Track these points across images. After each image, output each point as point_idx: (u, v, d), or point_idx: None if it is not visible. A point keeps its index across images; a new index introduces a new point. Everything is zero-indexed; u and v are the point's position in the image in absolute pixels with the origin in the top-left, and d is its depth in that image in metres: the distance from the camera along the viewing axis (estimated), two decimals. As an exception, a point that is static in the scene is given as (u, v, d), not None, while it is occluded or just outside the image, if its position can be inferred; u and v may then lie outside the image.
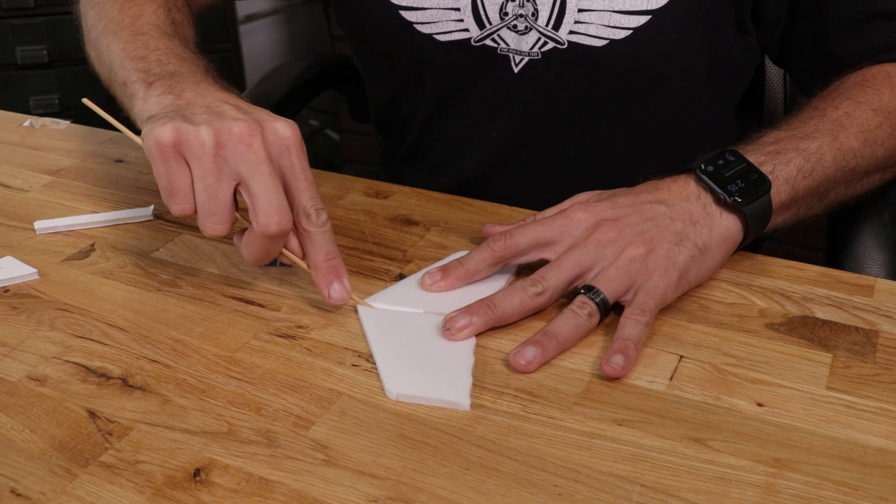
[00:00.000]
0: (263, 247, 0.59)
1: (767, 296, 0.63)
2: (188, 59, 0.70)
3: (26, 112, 1.00)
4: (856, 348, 0.57)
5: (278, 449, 0.49)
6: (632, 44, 0.77)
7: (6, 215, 0.77)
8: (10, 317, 0.62)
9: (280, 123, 0.60)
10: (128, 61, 0.70)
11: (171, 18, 0.78)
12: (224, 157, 0.58)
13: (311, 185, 0.60)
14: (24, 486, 0.47)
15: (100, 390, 0.54)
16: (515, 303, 0.59)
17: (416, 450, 0.49)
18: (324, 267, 0.60)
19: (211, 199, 0.58)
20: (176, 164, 0.58)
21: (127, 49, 0.72)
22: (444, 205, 0.77)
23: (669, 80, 0.81)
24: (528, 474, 0.47)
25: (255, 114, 0.60)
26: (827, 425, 0.51)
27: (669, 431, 0.50)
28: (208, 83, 0.66)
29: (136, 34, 0.73)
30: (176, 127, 0.58)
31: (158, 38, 0.72)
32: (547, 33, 0.78)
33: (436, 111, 0.89)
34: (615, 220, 0.61)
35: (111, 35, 0.75)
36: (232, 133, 0.58)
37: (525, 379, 0.54)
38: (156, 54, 0.70)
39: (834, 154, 0.68)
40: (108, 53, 0.74)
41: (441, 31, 0.82)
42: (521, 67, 0.81)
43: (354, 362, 0.56)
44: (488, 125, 0.86)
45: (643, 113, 0.83)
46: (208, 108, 0.61)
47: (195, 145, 0.57)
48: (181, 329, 0.60)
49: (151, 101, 0.64)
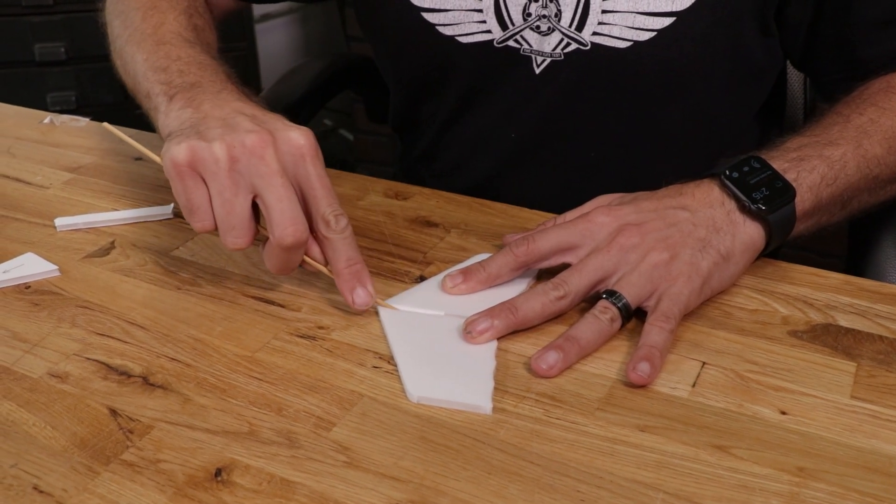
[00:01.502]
0: (282, 257, 0.59)
1: (790, 303, 0.62)
2: (209, 67, 0.70)
3: (43, 109, 1.01)
4: (880, 357, 0.57)
5: (300, 450, 0.49)
6: (656, 45, 0.77)
7: (27, 212, 0.77)
8: (31, 313, 0.62)
9: (293, 132, 0.60)
10: (150, 73, 0.71)
11: (193, 25, 0.78)
12: (238, 170, 0.58)
13: (328, 191, 0.60)
14: (46, 482, 0.47)
15: (121, 388, 0.54)
16: (537, 307, 0.58)
17: (438, 453, 0.49)
18: (346, 273, 0.60)
19: (229, 213, 0.58)
20: (192, 182, 0.58)
21: (150, 60, 0.72)
22: (464, 207, 0.77)
23: (692, 82, 0.80)
24: (551, 479, 0.47)
25: (269, 123, 0.60)
26: (852, 435, 0.50)
27: (692, 438, 0.50)
28: (227, 91, 0.66)
29: (159, 44, 0.74)
30: (190, 146, 0.58)
31: (180, 47, 0.73)
32: (570, 34, 0.78)
33: (456, 112, 0.89)
34: (638, 224, 0.61)
35: (135, 45, 0.76)
36: (245, 146, 0.58)
37: (547, 383, 0.54)
38: (177, 64, 0.70)
39: (858, 162, 0.68)
40: (132, 64, 0.75)
41: (463, 33, 0.82)
42: (542, 68, 0.81)
43: (375, 364, 0.56)
44: (508, 126, 0.86)
45: (664, 115, 0.82)
46: (223, 121, 0.61)
47: (209, 162, 0.58)
48: (202, 328, 0.60)
49: (172, 116, 0.64)
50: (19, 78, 1.92)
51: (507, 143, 0.87)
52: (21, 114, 1.00)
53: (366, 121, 1.35)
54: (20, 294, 0.64)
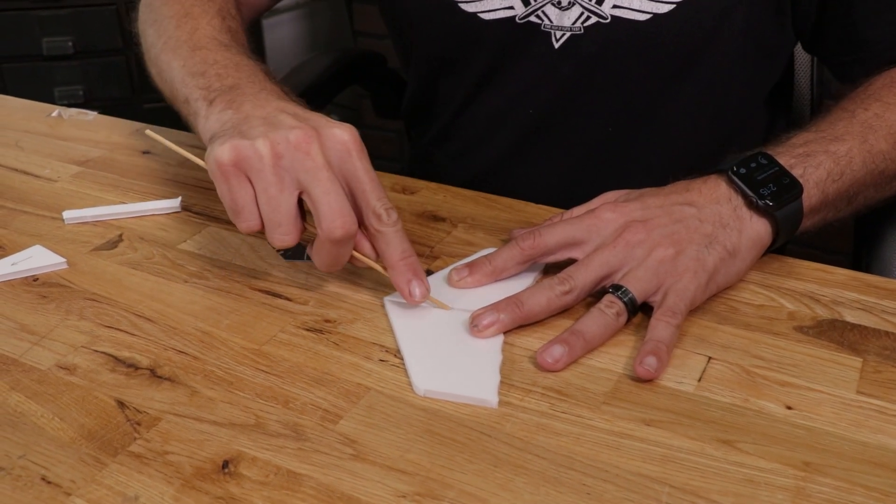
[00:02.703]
0: (332, 252, 0.58)
1: (797, 298, 0.62)
2: (246, 68, 0.70)
3: (51, 103, 1.01)
4: (886, 353, 0.57)
5: (306, 442, 0.49)
6: (674, 18, 0.78)
7: (35, 205, 0.77)
8: (39, 305, 0.62)
9: (338, 128, 0.59)
10: (188, 78, 0.71)
11: (227, 27, 0.78)
12: (283, 167, 0.57)
13: (376, 185, 0.59)
14: (54, 473, 0.47)
15: (128, 380, 0.55)
16: (542, 301, 0.59)
17: (444, 446, 0.49)
18: (401, 266, 0.59)
19: (274, 210, 0.58)
20: (237, 181, 0.58)
21: (187, 66, 0.72)
22: (470, 201, 0.77)
23: (708, 56, 0.81)
24: (557, 473, 0.47)
25: (312, 120, 0.60)
26: (857, 430, 0.50)
27: (698, 433, 0.50)
28: (267, 91, 0.66)
29: (195, 49, 0.74)
30: (233, 145, 0.58)
31: (216, 51, 0.73)
32: (590, 7, 0.78)
33: (474, 90, 0.89)
34: (644, 221, 0.61)
35: (171, 52, 0.75)
36: (289, 142, 0.57)
37: (553, 377, 0.54)
38: (215, 68, 0.70)
39: (863, 157, 0.68)
40: (168, 71, 0.75)
41: (486, 10, 0.82)
42: (561, 43, 0.81)
43: (382, 357, 0.56)
44: (525, 103, 0.86)
45: (680, 90, 0.83)
46: (265, 120, 0.60)
47: (254, 159, 0.57)
48: (209, 321, 0.60)
49: (212, 119, 0.64)
50: (27, 72, 1.92)
51: (524, 121, 0.87)
52: (29, 107, 1.00)
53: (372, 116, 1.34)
54: (28, 286, 0.65)
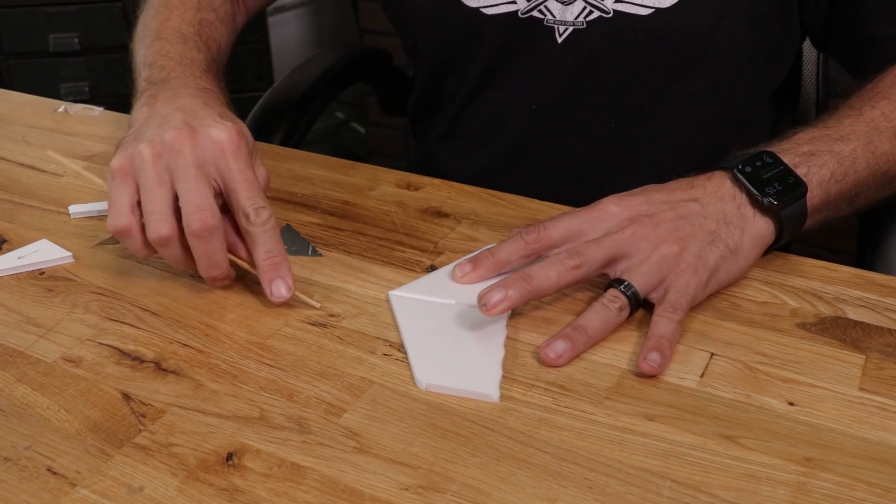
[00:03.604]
0: (199, 250, 0.59)
1: (800, 296, 0.62)
2: (189, 63, 0.73)
3: (57, 99, 1.01)
4: (889, 350, 0.57)
5: (310, 435, 0.50)
6: (677, 12, 0.78)
7: (41, 199, 0.77)
8: (45, 299, 0.63)
9: (215, 128, 0.61)
10: (141, 69, 0.75)
11: (200, 19, 0.81)
12: (162, 165, 0.60)
13: (249, 185, 0.60)
14: (60, 464, 0.48)
15: (133, 373, 0.55)
16: (552, 275, 0.58)
17: (447, 440, 0.49)
18: (265, 266, 0.60)
19: (149, 201, 0.59)
20: (121, 182, 0.61)
21: (144, 56, 0.76)
22: (474, 198, 0.77)
23: (712, 51, 0.81)
24: (559, 467, 0.47)
25: (198, 120, 0.62)
26: (860, 426, 0.50)
27: (700, 428, 0.50)
28: (185, 88, 0.69)
29: (156, 39, 0.77)
30: (126, 153, 0.61)
31: (173, 43, 0.76)
32: (593, 2, 0.79)
33: (478, 86, 0.89)
34: (650, 215, 0.61)
35: (139, 41, 0.80)
36: (164, 142, 0.60)
37: (556, 372, 0.55)
38: (163, 60, 0.73)
39: (868, 158, 0.68)
40: (133, 60, 0.79)
41: (488, 5, 0.82)
42: (564, 37, 0.81)
43: (386, 352, 0.57)
44: (529, 97, 0.87)
45: (684, 86, 0.83)
46: (162, 119, 0.63)
47: (137, 160, 0.61)
48: (213, 315, 0.61)
49: (134, 114, 0.68)
50: (33, 68, 1.93)
51: (528, 116, 0.87)
52: (35, 103, 1.00)
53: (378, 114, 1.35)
54: (35, 280, 0.65)
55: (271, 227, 0.60)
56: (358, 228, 0.72)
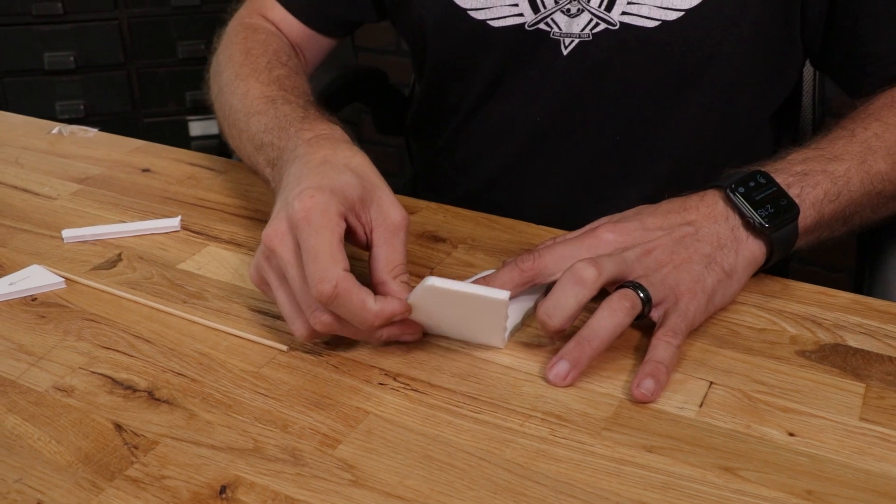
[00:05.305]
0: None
1: (798, 322, 0.62)
2: (287, 125, 0.70)
3: (52, 118, 1.01)
4: (889, 378, 0.56)
5: (304, 468, 0.49)
6: (683, 25, 0.78)
7: (34, 223, 0.77)
8: (37, 326, 0.62)
9: (297, 202, 0.57)
10: (254, 153, 0.74)
11: (275, 78, 0.79)
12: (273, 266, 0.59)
13: (308, 256, 0.56)
14: (50, 498, 0.47)
15: (126, 403, 0.54)
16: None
17: (443, 472, 0.48)
18: None
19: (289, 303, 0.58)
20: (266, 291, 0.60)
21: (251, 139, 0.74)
22: (470, 222, 0.77)
23: (717, 65, 0.81)
24: (557, 500, 0.47)
25: (289, 205, 0.58)
26: (861, 457, 0.50)
27: (699, 459, 0.49)
28: (299, 152, 0.65)
29: (249, 116, 0.75)
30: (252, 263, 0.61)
31: (265, 112, 0.74)
32: (599, 14, 0.79)
33: (482, 98, 0.89)
34: (645, 242, 0.61)
35: (234, 127, 0.78)
36: (264, 247, 0.58)
37: (553, 402, 0.54)
38: (267, 136, 0.71)
39: (861, 178, 0.68)
40: (242, 149, 0.78)
41: (495, 17, 0.82)
42: (570, 50, 0.81)
43: (381, 381, 0.56)
44: (533, 109, 0.87)
45: (688, 99, 0.83)
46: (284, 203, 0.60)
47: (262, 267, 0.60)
48: (207, 343, 0.60)
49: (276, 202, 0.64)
50: (28, 86, 1.93)
51: (532, 128, 0.87)
52: (29, 123, 1.00)
53: (373, 132, 1.34)
54: (26, 306, 0.64)
55: (333, 299, 0.55)
56: (353, 253, 0.71)
